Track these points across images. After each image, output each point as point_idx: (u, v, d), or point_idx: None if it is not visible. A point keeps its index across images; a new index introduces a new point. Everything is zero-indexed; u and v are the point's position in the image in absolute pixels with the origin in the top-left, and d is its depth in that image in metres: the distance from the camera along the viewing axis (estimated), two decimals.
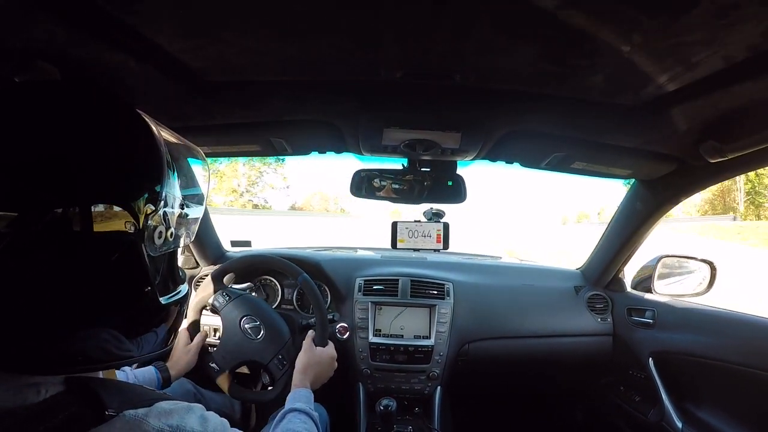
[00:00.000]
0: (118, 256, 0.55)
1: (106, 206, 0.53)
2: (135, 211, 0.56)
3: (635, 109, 0.98)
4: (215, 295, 1.43)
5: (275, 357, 1.34)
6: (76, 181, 0.52)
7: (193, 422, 0.59)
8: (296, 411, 1.07)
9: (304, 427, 1.02)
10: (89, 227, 0.51)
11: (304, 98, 1.08)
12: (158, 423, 0.54)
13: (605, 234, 1.84)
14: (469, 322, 1.79)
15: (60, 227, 0.50)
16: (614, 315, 1.87)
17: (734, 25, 0.63)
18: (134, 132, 0.61)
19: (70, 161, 0.52)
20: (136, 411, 0.53)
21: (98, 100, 0.60)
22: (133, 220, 0.55)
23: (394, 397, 1.50)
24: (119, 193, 0.55)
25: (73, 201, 0.51)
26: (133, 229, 0.56)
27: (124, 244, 0.56)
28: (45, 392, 0.51)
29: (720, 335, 1.41)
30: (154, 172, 0.60)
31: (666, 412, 1.54)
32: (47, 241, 0.49)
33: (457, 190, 1.43)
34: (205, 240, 1.89)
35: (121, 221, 0.54)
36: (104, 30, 0.69)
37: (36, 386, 0.51)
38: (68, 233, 0.50)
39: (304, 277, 1.47)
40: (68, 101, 0.57)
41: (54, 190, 0.50)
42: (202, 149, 1.35)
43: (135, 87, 0.90)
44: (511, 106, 1.06)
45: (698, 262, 1.68)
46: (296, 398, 1.12)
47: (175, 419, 0.57)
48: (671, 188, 1.42)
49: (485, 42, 0.75)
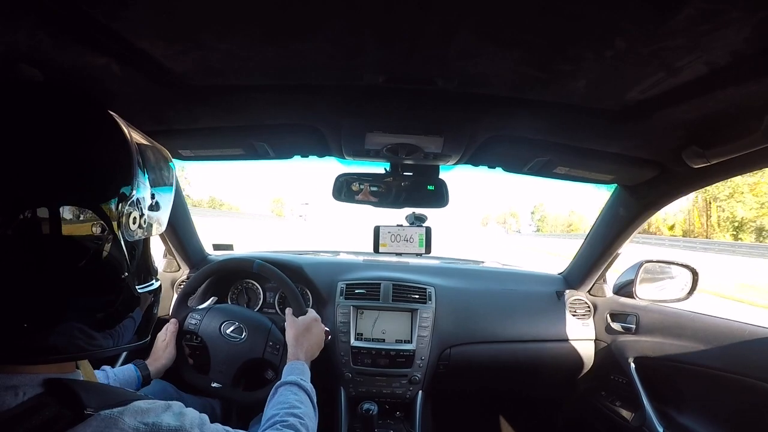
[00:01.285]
0: (95, 248, 0.56)
1: (83, 199, 0.55)
2: (109, 203, 0.57)
3: (618, 114, 0.97)
4: (187, 319, 1.43)
5: (266, 345, 1.38)
6: (52, 179, 0.53)
7: (169, 419, 0.59)
8: (288, 384, 1.07)
9: (295, 398, 1.02)
10: (58, 226, 0.52)
11: (286, 102, 1.07)
12: (133, 421, 0.54)
13: (587, 239, 1.85)
14: (451, 327, 1.78)
15: (34, 224, 0.50)
16: (596, 320, 1.88)
17: (717, 31, 0.62)
18: (105, 129, 0.63)
19: (46, 159, 0.53)
20: (111, 410, 0.53)
21: (70, 100, 0.61)
22: (109, 210, 0.57)
23: (376, 401, 1.50)
24: (92, 189, 0.57)
25: (49, 197, 0.52)
26: (109, 216, 0.57)
27: (100, 233, 0.57)
28: (23, 395, 0.51)
29: (701, 340, 1.42)
30: (125, 167, 0.61)
31: (647, 417, 1.54)
32: (21, 240, 0.50)
33: (439, 195, 1.43)
34: (187, 243, 1.86)
35: (93, 216, 0.56)
36: (88, 34, 0.69)
37: (14, 389, 0.51)
38: (45, 230, 0.51)
39: (258, 262, 1.48)
40: (41, 102, 0.58)
41: (28, 189, 0.51)
42: (185, 152, 1.37)
43: (118, 91, 0.90)
44: (493, 111, 1.05)
45: (680, 268, 1.68)
46: (289, 371, 1.13)
47: (151, 417, 0.57)
48: (654, 194, 1.43)
49: (468, 47, 0.74)
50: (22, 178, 0.50)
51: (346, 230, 34.62)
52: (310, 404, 1.04)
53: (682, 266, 1.67)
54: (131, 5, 0.64)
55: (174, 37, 0.74)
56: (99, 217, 0.55)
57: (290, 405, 0.98)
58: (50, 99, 0.59)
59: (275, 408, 0.98)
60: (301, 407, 0.99)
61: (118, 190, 0.59)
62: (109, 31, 0.69)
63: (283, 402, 0.99)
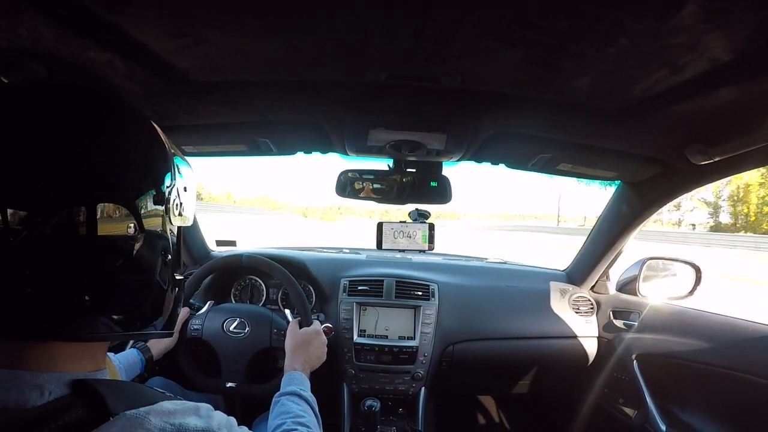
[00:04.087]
0: (129, 246, 0.56)
1: (122, 197, 0.54)
2: (148, 195, 0.57)
3: (621, 112, 0.98)
4: (189, 322, 1.44)
5: (271, 333, 1.40)
6: (95, 178, 0.52)
7: (195, 420, 0.58)
8: (288, 394, 1.07)
9: (298, 408, 1.02)
10: (94, 226, 0.51)
11: (289, 99, 1.07)
12: (159, 421, 0.53)
13: (590, 236, 1.85)
14: (454, 323, 1.78)
15: (74, 222, 0.50)
16: (599, 317, 1.87)
17: (720, 29, 0.62)
18: (143, 129, 0.62)
19: (79, 157, 0.52)
20: (137, 410, 0.52)
21: (101, 100, 0.60)
22: (148, 204, 0.57)
23: (379, 398, 1.51)
24: (131, 186, 0.56)
25: (86, 196, 0.51)
26: (159, 207, 0.58)
27: (133, 232, 0.56)
28: (48, 394, 0.50)
29: (704, 338, 1.41)
30: (161, 159, 0.61)
31: (650, 415, 1.54)
32: (60, 239, 0.49)
33: (442, 191, 1.43)
34: (190, 240, 1.87)
35: (128, 214, 0.55)
36: (90, 29, 0.70)
37: (39, 388, 0.50)
38: (83, 230, 0.50)
39: (246, 256, 1.50)
40: (74, 102, 0.57)
41: (70, 188, 0.50)
42: (188, 148, 1.37)
43: (121, 86, 0.90)
44: (496, 108, 1.05)
45: (683, 265, 1.68)
46: (287, 382, 1.13)
47: (178, 418, 0.56)
48: (657, 191, 1.42)
49: (471, 45, 0.75)
50: (56, 177, 0.49)
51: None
52: (313, 414, 1.05)
53: (686, 263, 1.67)
54: (133, 0, 0.64)
55: (176, 32, 0.74)
56: (132, 214, 0.55)
57: (295, 414, 0.99)
58: (78, 98, 0.58)
59: (280, 418, 0.97)
60: (306, 416, 1.00)
61: (158, 181, 0.59)
62: (112, 27, 0.70)
63: (287, 412, 0.99)
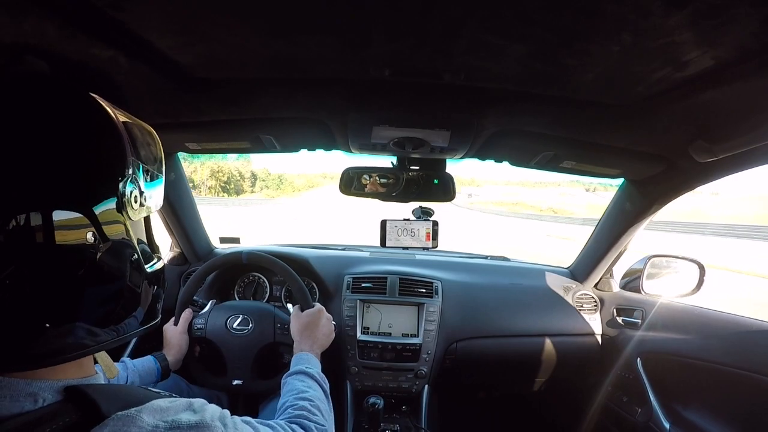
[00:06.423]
0: (92, 252, 0.54)
1: (78, 199, 0.52)
2: (106, 189, 0.56)
3: (625, 109, 0.97)
4: (192, 321, 1.45)
5: (275, 328, 1.40)
6: (40, 180, 0.50)
7: (188, 416, 0.58)
8: (294, 374, 1.09)
9: (302, 384, 1.03)
10: (51, 232, 0.49)
11: (293, 96, 1.07)
12: (152, 419, 0.54)
13: (594, 233, 1.85)
14: (458, 321, 1.78)
15: (28, 231, 0.48)
16: (602, 315, 1.88)
17: (724, 25, 0.62)
18: (92, 117, 0.59)
19: (30, 158, 0.49)
20: (129, 410, 0.53)
21: (49, 89, 0.57)
22: (116, 192, 0.56)
23: (382, 396, 1.51)
24: (87, 185, 0.54)
25: (40, 200, 0.49)
26: (120, 214, 0.57)
27: (114, 230, 0.56)
28: (42, 401, 0.51)
29: (708, 336, 1.41)
30: (118, 154, 0.59)
31: (653, 413, 1.54)
32: (20, 245, 0.47)
33: (446, 188, 1.43)
34: (193, 236, 1.87)
35: (85, 219, 0.53)
36: (94, 26, 0.69)
37: (33, 395, 0.50)
38: (39, 238, 0.49)
39: (246, 253, 1.51)
40: (19, 95, 0.53)
41: (16, 192, 0.48)
42: (191, 145, 1.38)
43: (125, 83, 0.90)
44: (500, 105, 1.05)
45: (687, 262, 1.67)
46: (295, 363, 1.15)
47: (171, 415, 0.56)
48: (660, 188, 1.42)
49: (474, 41, 0.74)
50: (7, 181, 0.47)
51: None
52: (320, 388, 1.05)
53: (690, 261, 1.66)
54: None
55: (180, 29, 0.74)
56: (91, 222, 0.53)
57: (299, 390, 1.00)
58: (29, 91, 0.54)
59: (285, 397, 0.99)
60: (310, 391, 1.01)
61: (114, 176, 0.57)
62: (116, 23, 0.70)
63: (292, 390, 1.01)
